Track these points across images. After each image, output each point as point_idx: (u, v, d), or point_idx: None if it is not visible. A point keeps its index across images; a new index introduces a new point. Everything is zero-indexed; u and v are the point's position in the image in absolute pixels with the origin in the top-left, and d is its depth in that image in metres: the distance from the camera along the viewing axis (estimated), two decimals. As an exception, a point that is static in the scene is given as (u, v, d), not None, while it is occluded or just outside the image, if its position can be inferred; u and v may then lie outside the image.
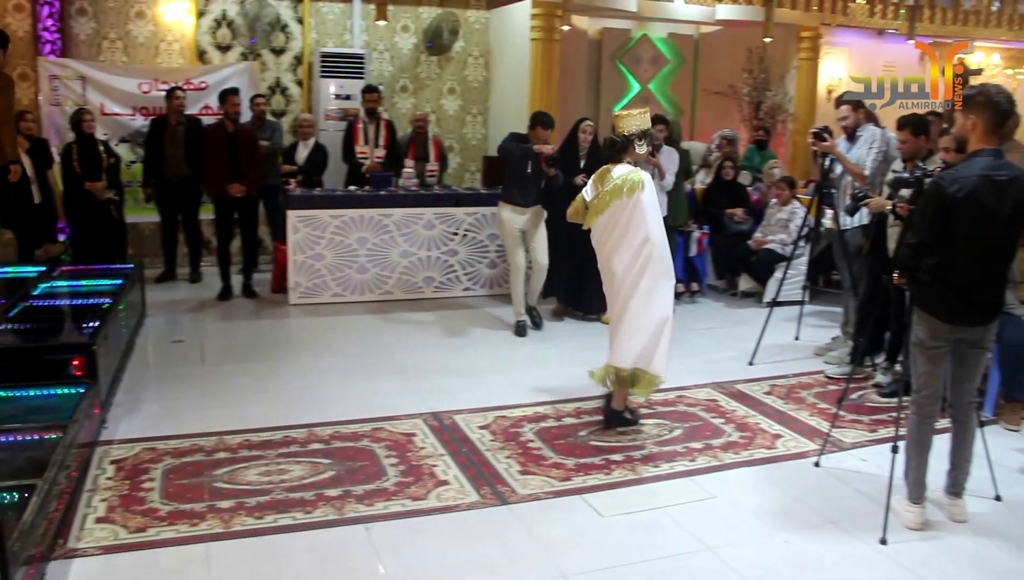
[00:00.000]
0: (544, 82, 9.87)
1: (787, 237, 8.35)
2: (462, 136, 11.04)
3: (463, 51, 10.84)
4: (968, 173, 3.79)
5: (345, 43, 10.26)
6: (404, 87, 10.66)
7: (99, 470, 4.46)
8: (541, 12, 9.77)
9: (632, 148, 5.11)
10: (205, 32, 9.83)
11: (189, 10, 9.70)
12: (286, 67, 10.15)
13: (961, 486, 4.22)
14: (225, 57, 9.91)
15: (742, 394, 5.95)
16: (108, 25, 9.50)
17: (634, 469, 4.67)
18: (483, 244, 8.53)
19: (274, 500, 4.17)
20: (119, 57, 9.56)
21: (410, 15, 10.53)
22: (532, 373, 6.30)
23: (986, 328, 4.02)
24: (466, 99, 10.98)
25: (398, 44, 10.56)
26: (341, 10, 10.24)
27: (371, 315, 7.77)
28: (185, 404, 5.47)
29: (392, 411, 5.38)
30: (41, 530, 3.48)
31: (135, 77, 9.32)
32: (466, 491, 4.34)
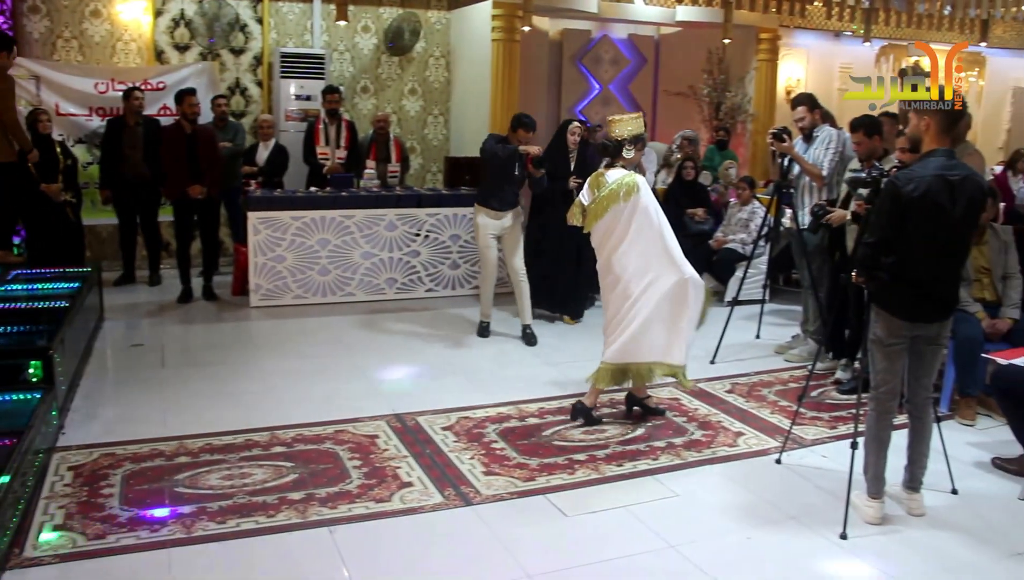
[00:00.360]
0: (505, 83, 9.88)
1: (747, 237, 8.44)
2: (423, 137, 11.01)
3: (424, 52, 10.81)
4: (923, 173, 3.88)
5: (305, 43, 10.19)
6: (365, 88, 10.61)
7: (56, 476, 4.39)
8: (502, 13, 9.78)
9: (622, 153, 5.20)
10: (163, 32, 9.72)
11: (146, 9, 9.57)
12: (246, 67, 10.06)
13: (919, 480, 4.30)
14: (183, 57, 9.80)
15: (704, 392, 6.00)
16: (62, 24, 9.35)
17: (597, 468, 4.69)
18: (445, 245, 8.52)
19: (236, 504, 4.13)
20: (74, 56, 9.41)
21: (371, 15, 10.49)
22: (495, 373, 6.31)
23: (942, 324, 4.10)
24: (427, 100, 10.96)
25: (359, 44, 10.51)
26: (301, 10, 10.18)
27: (333, 317, 7.73)
28: (145, 408, 5.40)
29: (355, 413, 5.35)
30: None
31: (91, 77, 9.19)
32: (430, 492, 4.33)
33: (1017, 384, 4.69)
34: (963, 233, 4.01)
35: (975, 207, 3.97)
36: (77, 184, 8.46)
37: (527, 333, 7.13)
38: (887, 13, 12.23)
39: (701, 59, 11.78)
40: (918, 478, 4.30)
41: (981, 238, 5.74)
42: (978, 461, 4.95)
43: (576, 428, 5.24)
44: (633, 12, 11.10)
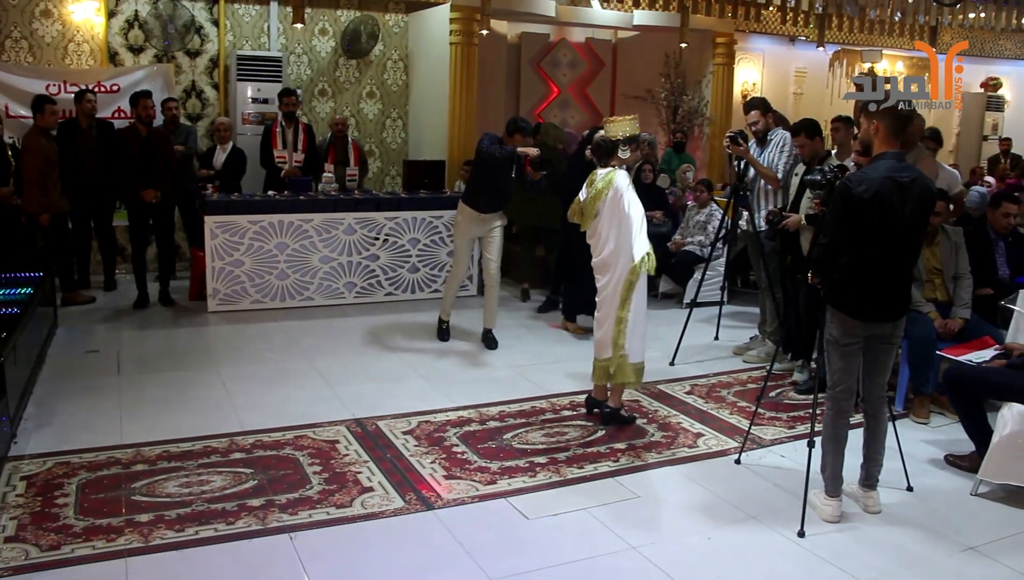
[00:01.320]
0: (464, 86, 9.89)
1: (705, 239, 8.52)
2: (382, 140, 10.97)
3: (382, 55, 10.77)
4: (873, 175, 3.96)
5: (262, 46, 10.11)
6: (323, 90, 10.55)
7: (8, 487, 4.30)
8: (460, 16, 9.79)
9: (617, 153, 5.27)
10: (116, 33, 9.57)
11: (98, 10, 9.42)
12: (202, 70, 9.95)
13: (875, 478, 4.38)
14: (138, 59, 9.67)
15: (664, 394, 6.04)
16: (11, 23, 9.16)
17: (558, 471, 4.70)
18: (404, 249, 8.49)
19: (195, 512, 4.08)
20: (24, 57, 9.24)
21: (328, 18, 10.43)
22: (456, 376, 6.30)
23: (895, 324, 4.19)
24: (386, 103, 10.92)
25: (316, 47, 10.45)
26: (258, 12, 10.09)
27: (292, 321, 7.67)
28: (100, 416, 5.31)
29: (314, 418, 5.31)
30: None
31: (42, 78, 9.02)
32: (391, 497, 4.31)
33: (968, 381, 4.80)
34: (914, 234, 4.09)
35: (925, 208, 4.08)
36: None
37: (488, 337, 7.11)
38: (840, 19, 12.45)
39: (658, 63, 11.89)
40: (874, 475, 4.37)
41: (933, 240, 5.85)
42: (932, 458, 5.04)
43: (536, 430, 5.26)
44: (591, 16, 11.16)
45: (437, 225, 8.58)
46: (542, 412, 5.59)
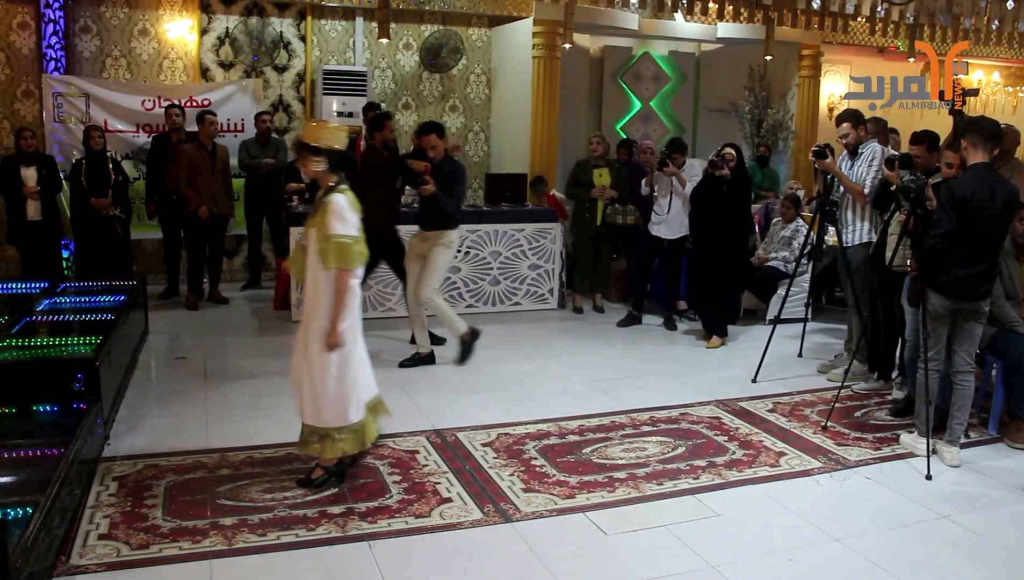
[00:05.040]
0: (546, 99, 9.92)
1: (790, 254, 8.36)
2: (464, 153, 11.06)
3: (465, 68, 10.88)
4: (970, 181, 4.86)
5: (347, 60, 10.30)
6: (406, 104, 10.69)
7: (102, 487, 4.45)
8: (542, 30, 9.83)
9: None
10: (208, 49, 9.88)
11: (192, 28, 9.74)
12: (289, 84, 10.19)
13: (957, 436, 5.10)
14: (228, 74, 9.95)
15: (745, 412, 5.94)
16: (112, 43, 9.54)
17: (638, 487, 4.65)
18: (486, 261, 8.53)
19: (277, 517, 4.16)
20: (123, 74, 9.60)
21: (412, 33, 10.58)
22: (535, 390, 6.29)
23: (979, 303, 4.99)
24: (468, 116, 11.01)
25: (400, 61, 10.61)
26: (344, 27, 10.29)
27: (373, 331, 7.74)
28: (188, 421, 5.46)
29: (395, 428, 5.35)
30: (44, 547, 3.47)
31: (138, 94, 9.36)
32: (469, 509, 4.33)
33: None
34: (1001, 229, 5.00)
35: (1011, 208, 4.98)
36: (127, 200, 8.63)
37: (417, 357, 6.87)
38: (932, 28, 12.09)
39: (742, 76, 11.74)
40: (956, 433, 5.11)
41: (1029, 255, 5.71)
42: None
43: (615, 446, 5.22)
44: (674, 29, 11.09)
45: (519, 238, 8.60)
46: (621, 427, 5.54)
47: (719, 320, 7.71)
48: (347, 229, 4.33)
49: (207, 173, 8.43)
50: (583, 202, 8.68)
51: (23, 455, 4.17)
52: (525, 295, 8.73)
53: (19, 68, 9.25)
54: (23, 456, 4.17)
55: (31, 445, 4.19)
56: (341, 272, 4.35)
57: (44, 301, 6.55)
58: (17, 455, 4.17)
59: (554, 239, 8.78)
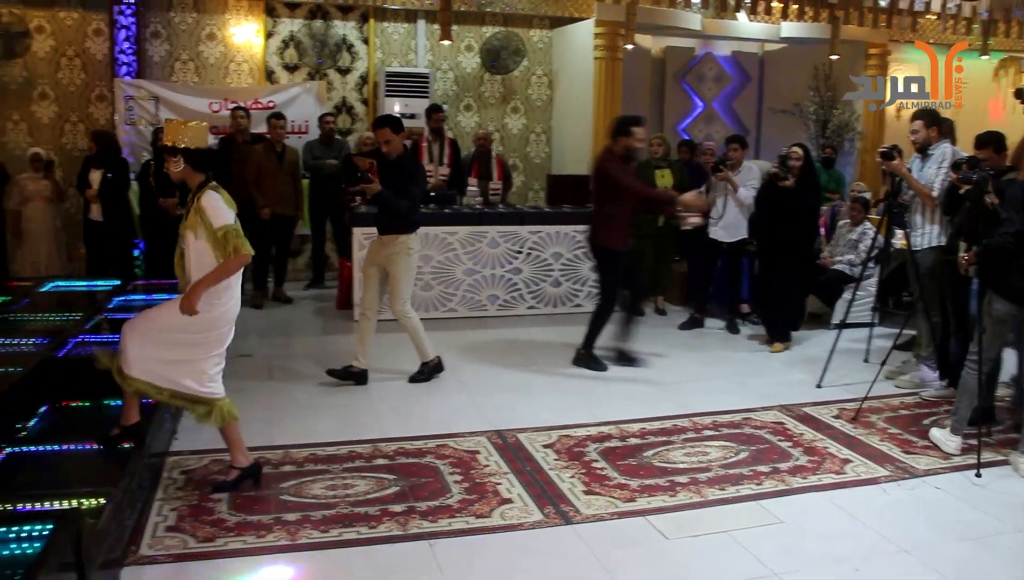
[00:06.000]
0: (607, 101, 9.89)
1: (856, 258, 8.21)
2: (526, 155, 11.08)
3: (527, 70, 10.89)
4: None
5: (410, 62, 10.39)
6: (468, 105, 10.74)
7: (170, 480, 4.54)
8: (604, 31, 9.81)
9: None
10: (273, 53, 10.05)
11: (258, 31, 9.92)
12: (352, 86, 10.31)
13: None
14: (292, 77, 10.11)
15: (810, 417, 5.84)
16: (180, 47, 9.76)
17: (699, 491, 4.60)
18: (547, 263, 8.53)
19: (339, 514, 4.20)
20: (191, 78, 9.81)
21: (474, 34, 10.62)
22: (596, 392, 6.26)
23: None
24: (530, 118, 11.03)
25: (462, 63, 10.66)
26: (406, 30, 10.38)
27: (435, 332, 7.75)
28: (252, 417, 5.52)
29: (456, 428, 5.39)
30: (115, 536, 3.56)
31: (205, 97, 9.56)
32: (530, 510, 4.32)
33: None
34: None
35: None
36: (192, 200, 8.78)
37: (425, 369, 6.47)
38: (1007, 24, 11.77)
39: (807, 76, 11.56)
40: None
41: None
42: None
43: (677, 449, 5.17)
44: (737, 29, 10.99)
45: (580, 240, 8.57)
46: (683, 431, 5.49)
47: (783, 324, 7.60)
48: (228, 219, 4.26)
49: (273, 175, 8.56)
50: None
51: (96, 448, 4.28)
52: (587, 297, 8.69)
53: (93, 73, 9.51)
54: (96, 449, 4.28)
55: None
56: (238, 258, 4.23)
57: (115, 299, 6.70)
58: (91, 448, 4.28)
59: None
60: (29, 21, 9.37)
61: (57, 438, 4.43)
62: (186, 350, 4.29)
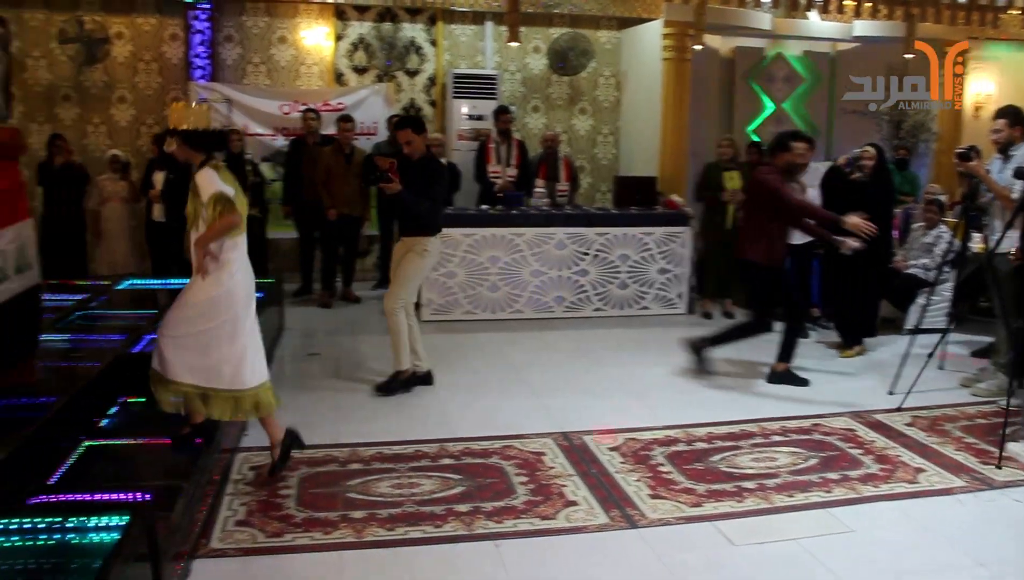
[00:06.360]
0: (676, 102, 9.82)
1: (931, 262, 8.00)
2: (593, 156, 11.04)
3: (594, 71, 10.86)
4: None
5: (477, 64, 10.43)
6: (535, 107, 10.75)
7: (239, 475, 4.63)
8: (673, 32, 9.73)
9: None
10: (343, 55, 10.18)
11: (328, 34, 10.06)
12: (420, 88, 10.40)
13: None
14: (361, 79, 10.22)
15: (881, 424, 5.70)
16: (252, 50, 9.95)
17: (767, 497, 4.53)
18: (614, 264, 8.49)
19: (405, 513, 4.23)
20: (262, 80, 9.99)
21: (541, 36, 10.63)
22: (662, 395, 6.22)
23: None
24: (597, 119, 10.99)
25: (529, 65, 10.67)
26: (474, 32, 10.43)
27: (502, 333, 7.82)
28: (320, 415, 5.62)
29: (521, 429, 5.39)
30: (186, 529, 3.64)
31: (276, 99, 9.73)
32: (595, 512, 4.30)
33: None
34: None
35: None
36: (264, 201, 8.95)
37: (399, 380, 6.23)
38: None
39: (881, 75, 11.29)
40: None
41: None
42: None
43: (744, 455, 5.10)
44: (808, 28, 10.80)
45: (647, 242, 8.53)
46: (751, 436, 5.41)
47: (854, 329, 7.44)
48: (218, 188, 4.30)
49: (341, 176, 8.67)
50: (713, 205, 8.54)
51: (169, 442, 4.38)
52: (653, 299, 8.64)
53: (169, 76, 9.76)
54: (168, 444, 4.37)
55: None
56: (222, 220, 4.29)
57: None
58: (163, 443, 4.38)
59: (684, 243, 8.66)
60: (109, 28, 9.66)
61: (132, 432, 4.55)
62: (210, 345, 4.34)
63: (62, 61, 9.64)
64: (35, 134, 9.44)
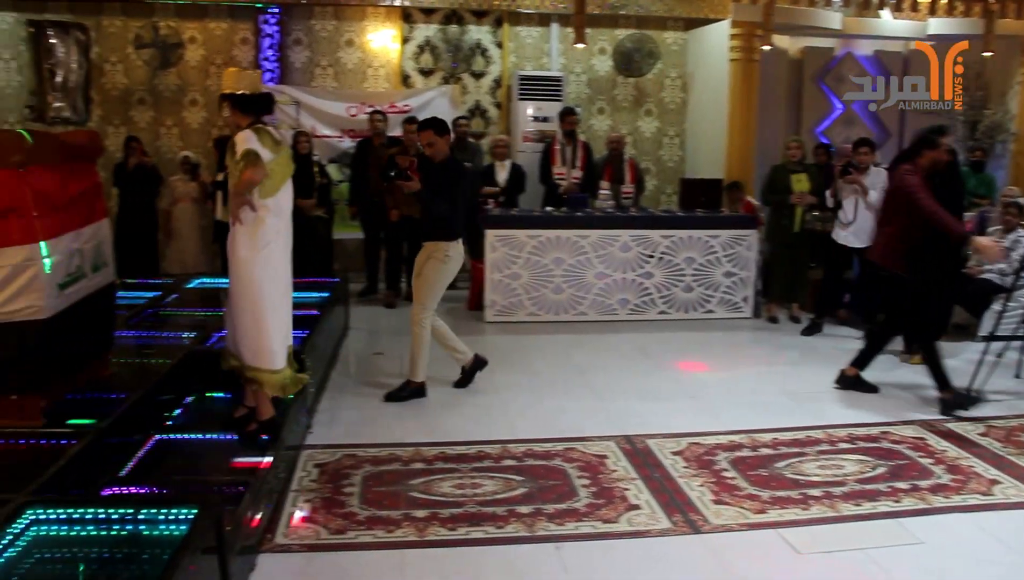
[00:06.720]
0: (743, 103, 9.71)
1: (1007, 267, 7.77)
2: (658, 158, 10.97)
3: (660, 72, 10.78)
4: None
5: (543, 66, 10.43)
6: (601, 109, 10.71)
7: (304, 472, 4.69)
8: (740, 32, 9.62)
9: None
10: (409, 57, 10.26)
11: (395, 37, 10.16)
12: (485, 90, 10.43)
13: None
14: (427, 81, 10.29)
15: (954, 434, 5.56)
16: (320, 53, 10.09)
17: (834, 506, 4.44)
18: (679, 267, 8.41)
19: (467, 513, 4.24)
20: (330, 83, 10.12)
21: (607, 38, 10.59)
22: (726, 399, 6.14)
23: None
24: (663, 120, 10.91)
25: (595, 66, 10.64)
26: (539, 33, 10.43)
27: (565, 335, 7.81)
28: (384, 414, 5.67)
29: (584, 432, 5.37)
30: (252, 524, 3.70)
31: (343, 101, 9.85)
32: (657, 517, 4.27)
33: None
34: None
35: None
36: (330, 202, 9.07)
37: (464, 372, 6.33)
38: None
39: (957, 75, 11.02)
40: None
41: None
42: None
43: (810, 462, 5.01)
44: (880, 27, 10.58)
45: (713, 245, 8.44)
46: (817, 443, 5.32)
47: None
48: (251, 145, 4.31)
49: None
50: (780, 208, 8.42)
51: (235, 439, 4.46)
52: (719, 303, 8.54)
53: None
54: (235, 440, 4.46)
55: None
56: (243, 177, 4.28)
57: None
58: (230, 439, 4.47)
59: (750, 246, 8.55)
60: (183, 33, 9.88)
61: (201, 427, 4.65)
62: (244, 318, 4.43)
63: (138, 66, 9.90)
64: (112, 136, 9.71)
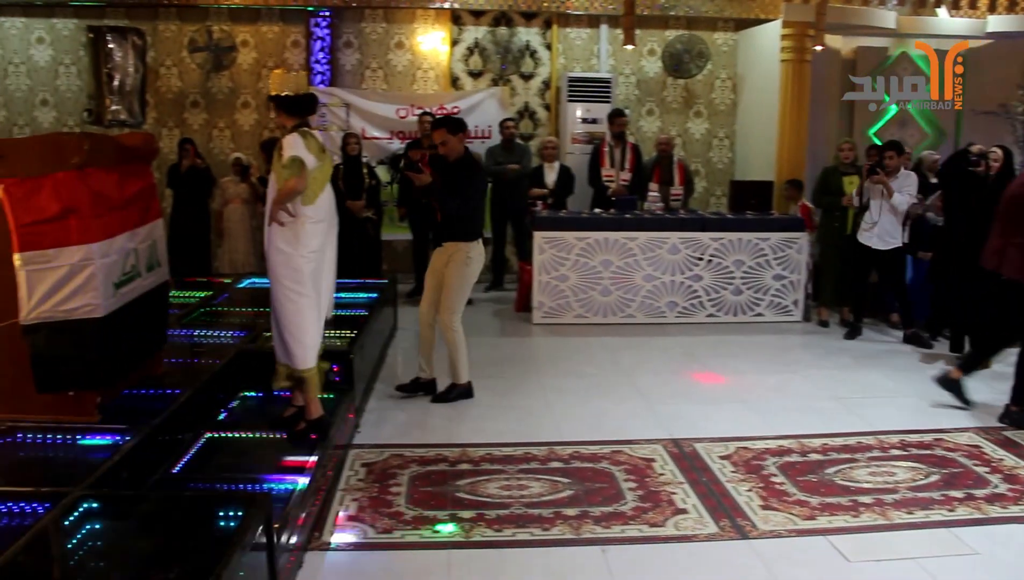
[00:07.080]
0: (794, 104, 9.59)
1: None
2: (708, 160, 10.89)
3: (710, 73, 10.70)
4: None
5: (592, 67, 10.41)
6: (650, 110, 10.66)
7: (351, 471, 4.73)
8: (792, 32, 9.51)
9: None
10: (458, 60, 10.30)
11: (444, 39, 10.21)
12: (534, 92, 10.44)
13: None
14: (476, 83, 10.32)
15: (1011, 442, 5.43)
16: (371, 56, 10.17)
17: (885, 513, 4.37)
18: (728, 270, 8.33)
19: (513, 514, 4.25)
20: (379, 85, 10.20)
21: (656, 39, 10.53)
22: (775, 404, 6.07)
23: None
24: (713, 122, 10.83)
25: (644, 68, 10.59)
26: (588, 35, 10.41)
27: (612, 337, 7.78)
28: (431, 415, 5.70)
29: (631, 435, 5.35)
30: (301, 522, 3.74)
31: (393, 103, 9.92)
32: (704, 522, 4.23)
33: None
34: None
35: None
36: (379, 203, 9.13)
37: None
38: None
39: (1015, 73, 10.78)
40: None
41: None
42: None
43: (861, 468, 4.93)
44: (936, 26, 10.38)
45: (763, 247, 8.34)
46: (868, 449, 5.23)
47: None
48: (297, 152, 4.39)
49: None
50: (832, 211, 8.31)
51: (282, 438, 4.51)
52: (768, 306, 8.45)
53: (289, 82, 10.05)
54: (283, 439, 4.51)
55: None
56: (286, 186, 4.36)
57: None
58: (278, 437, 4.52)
59: (800, 249, 8.44)
60: (236, 36, 10.03)
61: (250, 426, 4.71)
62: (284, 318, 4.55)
63: (192, 69, 10.06)
64: (166, 138, 9.88)
